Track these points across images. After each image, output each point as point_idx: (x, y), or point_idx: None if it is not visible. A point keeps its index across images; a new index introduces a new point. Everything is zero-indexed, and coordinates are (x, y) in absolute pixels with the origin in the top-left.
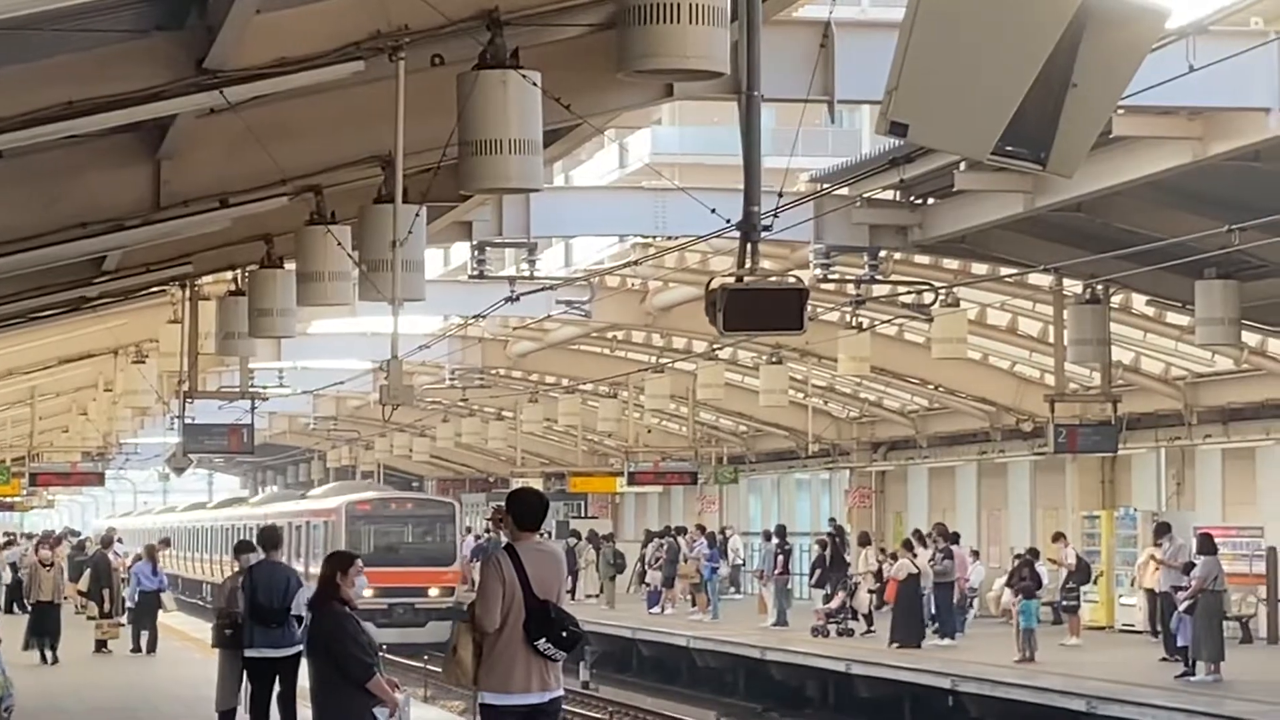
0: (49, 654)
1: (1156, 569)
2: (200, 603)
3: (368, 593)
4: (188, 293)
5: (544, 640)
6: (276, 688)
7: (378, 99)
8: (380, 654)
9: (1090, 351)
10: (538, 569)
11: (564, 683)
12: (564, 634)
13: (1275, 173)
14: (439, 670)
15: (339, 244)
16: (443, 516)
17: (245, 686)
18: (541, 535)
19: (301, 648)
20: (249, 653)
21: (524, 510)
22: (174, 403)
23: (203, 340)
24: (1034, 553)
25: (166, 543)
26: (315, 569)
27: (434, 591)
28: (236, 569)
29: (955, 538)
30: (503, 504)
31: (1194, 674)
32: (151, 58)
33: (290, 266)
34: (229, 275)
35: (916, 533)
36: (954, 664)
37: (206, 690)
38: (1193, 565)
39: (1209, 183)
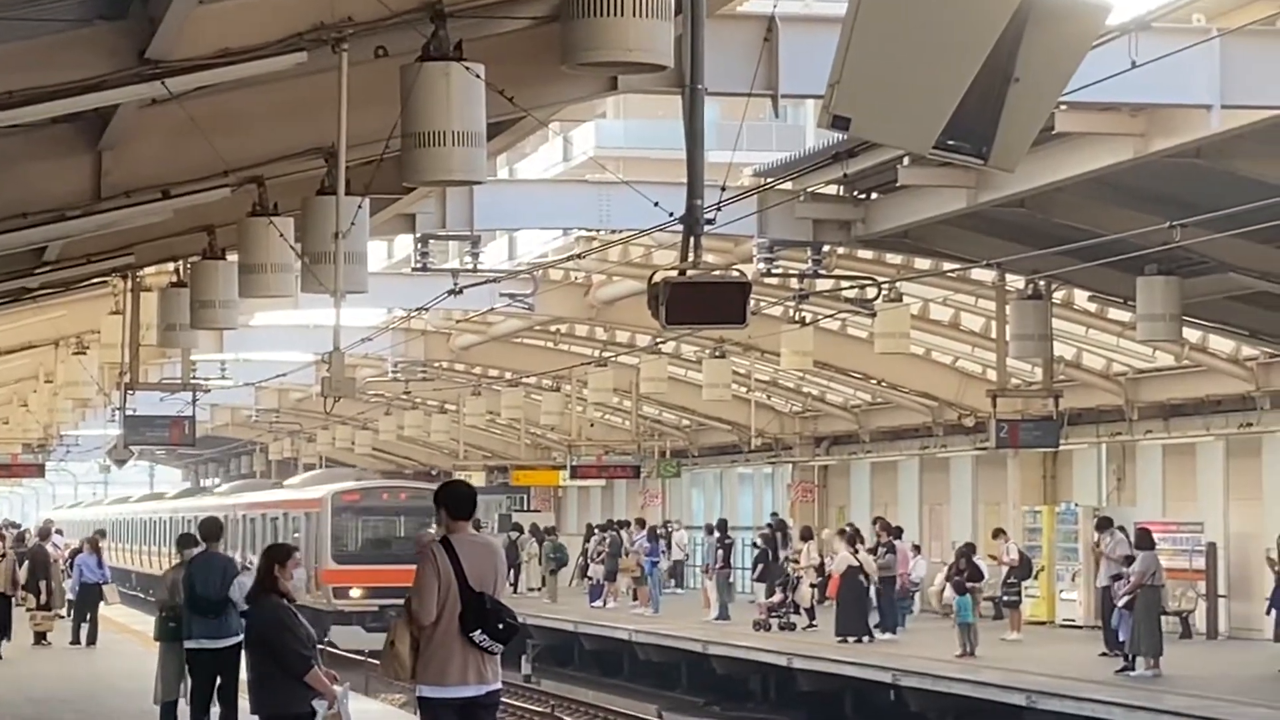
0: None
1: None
2: (149, 598)
3: (355, 593)
4: (129, 284)
5: (480, 632)
6: (218, 680)
7: (321, 90)
8: (318, 646)
9: (1032, 347)
10: (473, 561)
11: (505, 676)
12: (500, 626)
13: (1216, 169)
14: (378, 663)
15: (281, 235)
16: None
17: (187, 679)
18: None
19: (241, 638)
20: (189, 644)
21: (457, 501)
22: (115, 394)
23: (144, 332)
24: (970, 547)
25: (102, 534)
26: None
27: None
28: (178, 560)
29: (899, 532)
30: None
31: (1134, 669)
32: (93, 48)
33: (232, 258)
34: (171, 266)
35: (852, 527)
36: (895, 658)
37: (147, 682)
38: (1131, 558)
39: (1151, 179)
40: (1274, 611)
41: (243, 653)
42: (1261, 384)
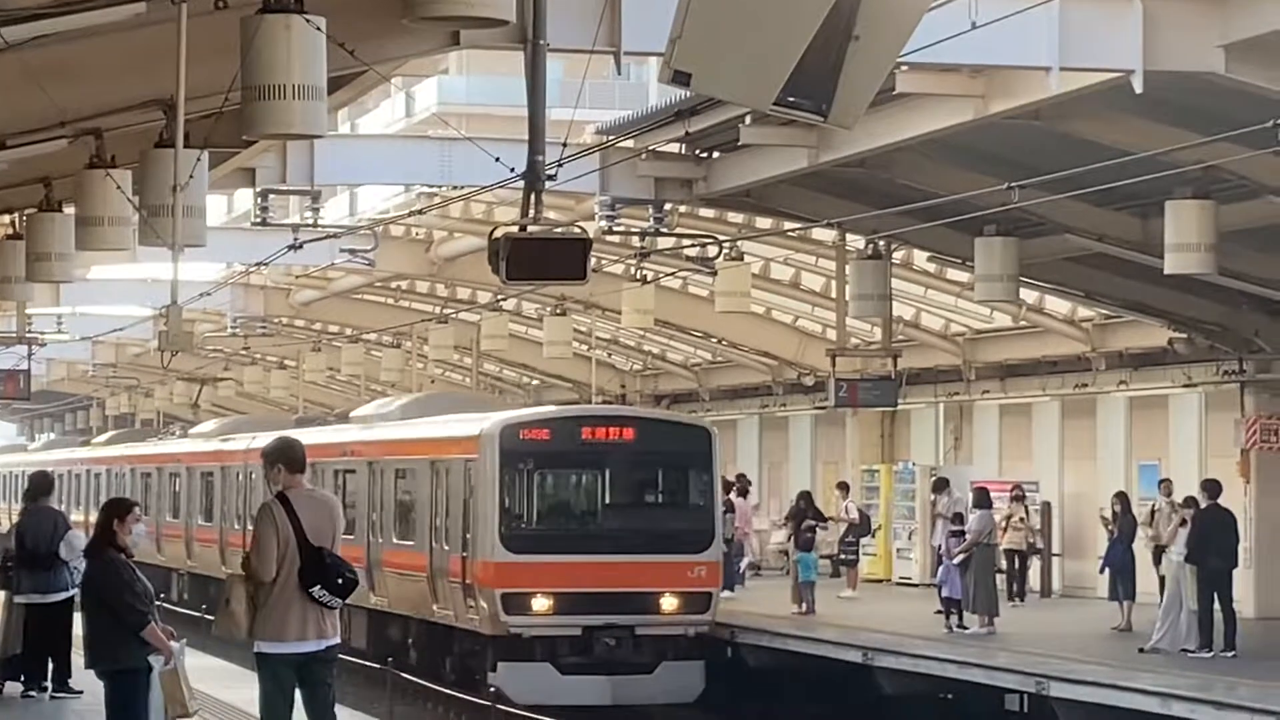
0: None
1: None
2: None
3: (540, 604)
4: None
5: (319, 587)
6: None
7: (160, 42)
8: (155, 603)
9: (871, 307)
10: (311, 516)
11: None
12: (339, 580)
13: (1055, 132)
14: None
15: (119, 188)
16: (687, 454)
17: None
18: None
19: (72, 593)
20: (18, 599)
21: (294, 456)
22: None
23: None
24: (807, 496)
25: None
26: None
27: (670, 602)
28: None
29: (745, 489)
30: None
31: (966, 627)
32: None
33: (69, 210)
34: (6, 219)
35: None
36: (733, 616)
37: None
38: (960, 515)
39: (990, 140)
40: (1107, 570)
41: (77, 607)
42: (1097, 345)
